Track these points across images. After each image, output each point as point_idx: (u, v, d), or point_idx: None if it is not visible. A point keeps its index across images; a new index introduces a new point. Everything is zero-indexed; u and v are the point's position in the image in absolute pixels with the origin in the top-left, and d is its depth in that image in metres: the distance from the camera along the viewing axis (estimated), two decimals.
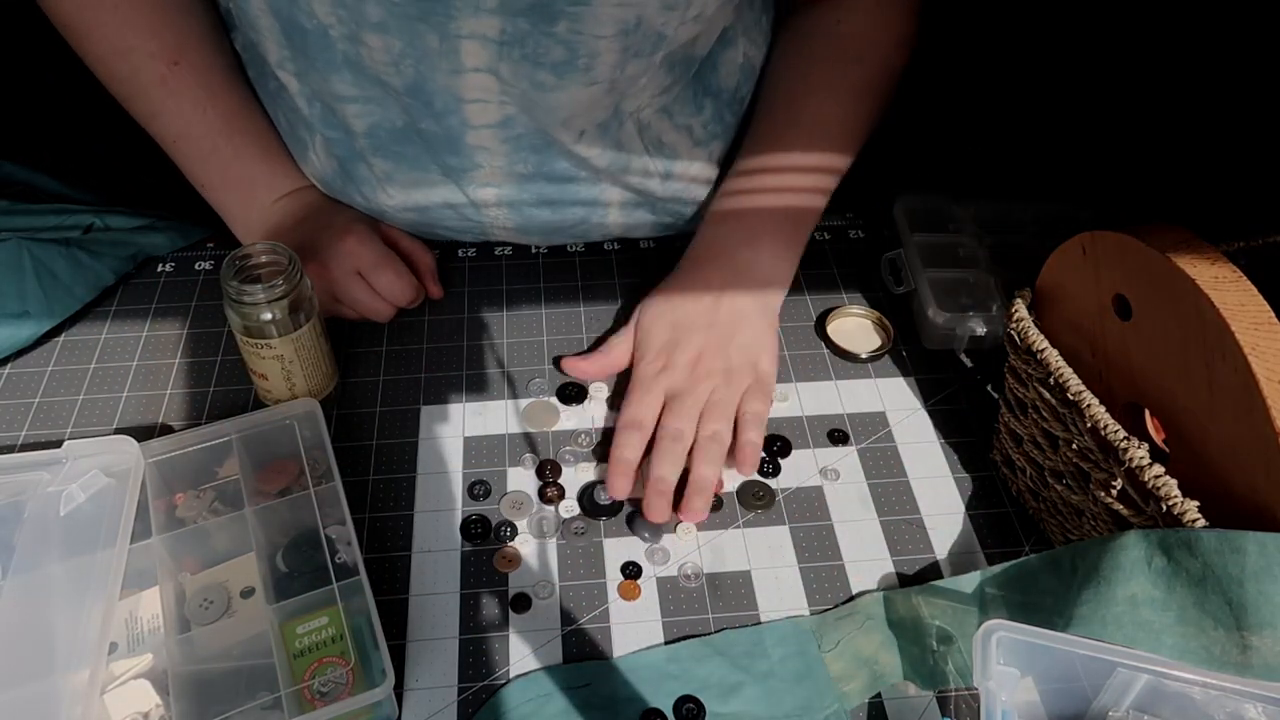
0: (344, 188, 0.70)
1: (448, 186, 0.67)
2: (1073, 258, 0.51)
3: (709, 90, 0.69)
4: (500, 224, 0.71)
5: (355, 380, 0.66)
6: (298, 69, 0.63)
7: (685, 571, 0.56)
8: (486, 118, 0.62)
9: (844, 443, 0.63)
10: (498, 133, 0.63)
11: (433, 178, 0.67)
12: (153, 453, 0.55)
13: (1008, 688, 0.42)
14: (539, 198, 0.69)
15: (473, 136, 0.63)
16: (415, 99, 0.61)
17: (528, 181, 0.67)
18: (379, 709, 0.48)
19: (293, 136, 0.70)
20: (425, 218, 0.71)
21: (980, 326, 0.66)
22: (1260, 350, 0.41)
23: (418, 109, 0.62)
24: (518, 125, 0.63)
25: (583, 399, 0.65)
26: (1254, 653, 0.40)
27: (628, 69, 0.60)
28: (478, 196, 0.68)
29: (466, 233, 0.74)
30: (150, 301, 0.72)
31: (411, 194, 0.68)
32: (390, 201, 0.69)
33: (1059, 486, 0.53)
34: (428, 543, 0.57)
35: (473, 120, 0.62)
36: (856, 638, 0.52)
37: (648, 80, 0.63)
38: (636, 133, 0.67)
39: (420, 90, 0.60)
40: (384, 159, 0.66)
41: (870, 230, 0.79)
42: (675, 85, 0.66)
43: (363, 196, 0.70)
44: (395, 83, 0.60)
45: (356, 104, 0.63)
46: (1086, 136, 0.92)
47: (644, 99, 0.65)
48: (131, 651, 0.49)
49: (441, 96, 0.61)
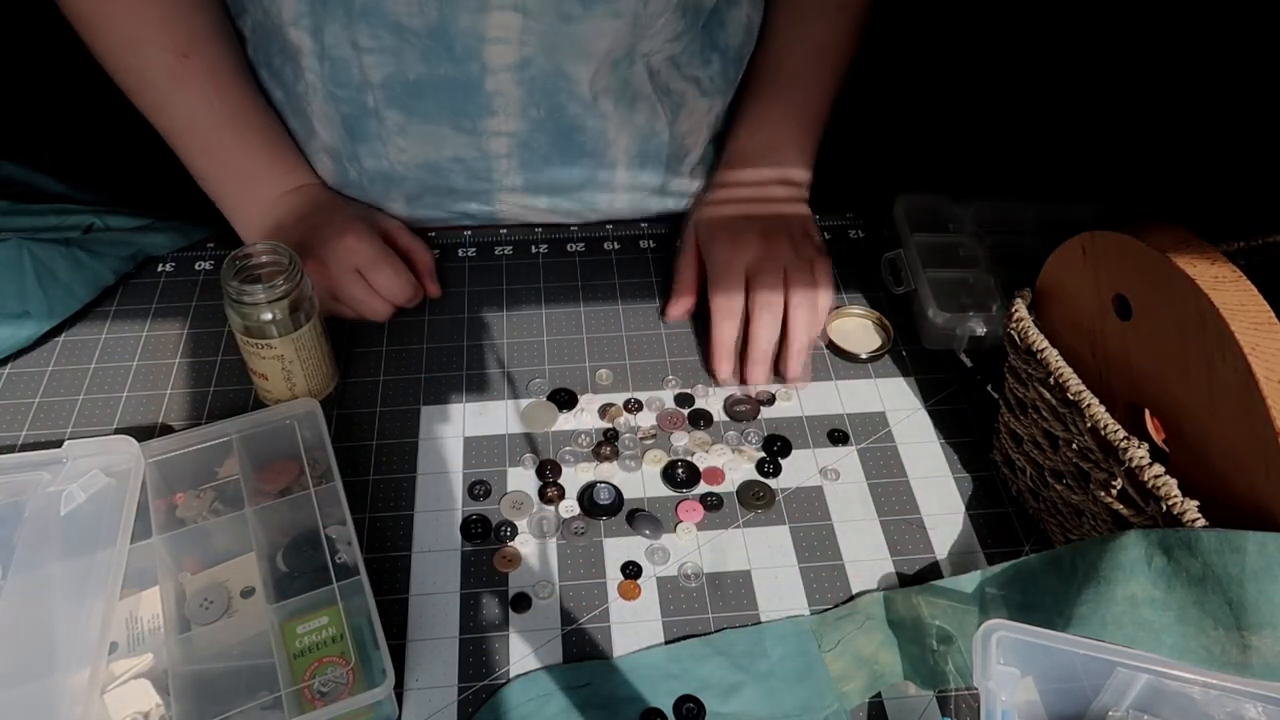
0: (353, 150, 0.70)
1: (459, 138, 0.69)
2: (1073, 258, 0.51)
3: (716, 45, 0.73)
4: (508, 183, 0.72)
5: (355, 380, 0.66)
6: (314, 23, 0.64)
7: (685, 571, 0.56)
8: (506, 58, 0.64)
9: (844, 443, 0.63)
10: (514, 75, 0.65)
11: (444, 131, 0.68)
12: (153, 453, 0.55)
13: (1008, 688, 0.42)
14: (550, 145, 0.70)
15: (490, 81, 0.65)
16: (436, 42, 0.62)
17: (539, 128, 0.69)
18: (379, 709, 0.48)
19: (297, 111, 0.70)
20: (434, 176, 0.72)
21: (980, 326, 0.66)
22: (1260, 350, 0.41)
23: (437, 53, 0.63)
24: (534, 66, 0.65)
25: (573, 405, 0.65)
26: (1254, 652, 0.40)
27: (650, 4, 0.64)
28: (489, 147, 0.69)
29: (473, 199, 0.74)
30: (150, 301, 0.72)
31: (422, 147, 0.69)
32: (401, 156, 0.70)
33: (1059, 486, 0.53)
34: (428, 543, 0.57)
35: (492, 63, 0.64)
36: (856, 637, 0.52)
37: (665, 21, 0.66)
38: (647, 77, 0.69)
39: (442, 33, 0.62)
40: (397, 110, 0.67)
41: (870, 230, 0.79)
42: (685, 34, 0.69)
43: (372, 155, 0.70)
44: (417, 24, 0.62)
45: (373, 54, 0.64)
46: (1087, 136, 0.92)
47: (657, 43, 0.68)
48: (131, 651, 0.49)
49: (463, 39, 0.62)
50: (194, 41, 0.66)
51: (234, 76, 0.69)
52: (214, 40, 0.68)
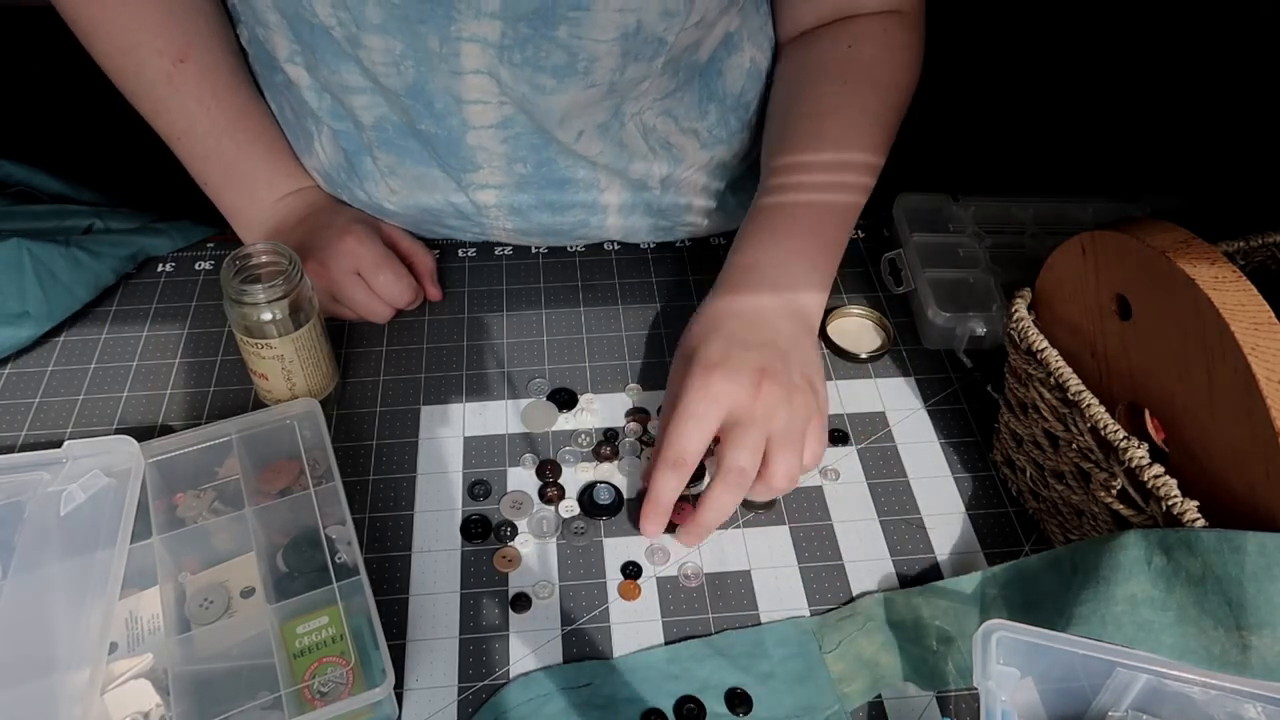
0: (347, 181, 0.70)
1: (448, 184, 0.68)
2: (1073, 258, 0.51)
3: (713, 95, 0.69)
4: (500, 225, 0.71)
5: (355, 380, 0.66)
6: (307, 63, 0.63)
7: (685, 571, 0.56)
8: (486, 118, 0.62)
9: (844, 443, 0.63)
10: (497, 133, 0.63)
11: (434, 174, 0.67)
12: (153, 453, 0.55)
13: (1008, 688, 0.42)
14: (539, 200, 0.69)
15: (473, 137, 0.63)
16: (415, 100, 0.61)
17: (527, 183, 0.67)
18: (379, 709, 0.48)
19: (299, 129, 0.70)
20: (426, 215, 0.71)
21: (980, 326, 0.66)
22: (1260, 350, 0.41)
23: (418, 110, 0.62)
24: (517, 125, 0.63)
25: (573, 406, 0.65)
26: (1253, 653, 0.40)
27: (628, 72, 0.60)
28: (478, 198, 0.68)
29: (467, 231, 0.74)
30: (150, 301, 0.72)
31: (413, 190, 0.69)
32: (393, 197, 0.69)
33: (1059, 486, 0.53)
34: (428, 543, 0.57)
35: (473, 121, 0.62)
36: (858, 639, 0.52)
37: (649, 84, 0.63)
38: (640, 134, 0.67)
39: (420, 91, 0.61)
40: (388, 152, 0.66)
41: (870, 230, 0.79)
42: (679, 90, 0.66)
43: (365, 192, 0.70)
44: (395, 84, 0.60)
45: (364, 95, 0.63)
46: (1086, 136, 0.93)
47: (645, 102, 0.65)
48: (131, 651, 0.49)
49: (441, 98, 0.61)
50: (191, 46, 0.65)
51: (231, 81, 0.68)
52: (211, 45, 0.67)
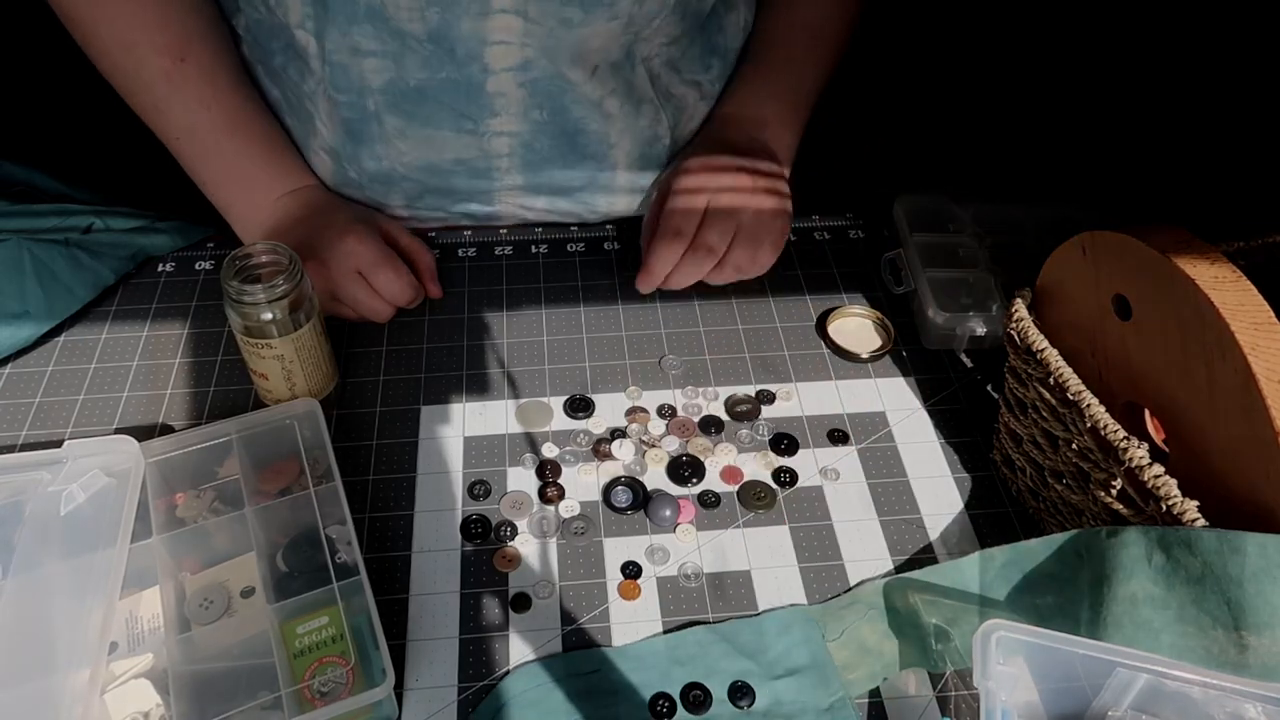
0: (355, 152, 0.70)
1: (460, 140, 0.69)
2: (1073, 258, 0.51)
3: (716, 50, 0.74)
4: (509, 182, 0.72)
5: (355, 380, 0.66)
6: (318, 26, 0.63)
7: (685, 571, 0.56)
8: (507, 60, 0.64)
9: (844, 443, 0.63)
10: (516, 75, 0.65)
11: (445, 134, 0.68)
12: (153, 453, 0.55)
13: (1007, 688, 0.41)
14: (552, 149, 0.70)
15: (492, 82, 0.65)
16: (438, 46, 0.62)
17: (542, 130, 0.69)
18: (379, 709, 0.48)
19: (299, 111, 0.70)
20: (434, 176, 0.71)
21: (980, 326, 0.66)
22: (1260, 350, 0.41)
23: (439, 57, 0.63)
24: (536, 69, 0.65)
25: (590, 410, 0.65)
26: (1252, 653, 0.40)
27: (646, 4, 0.64)
28: (491, 146, 0.69)
29: (473, 197, 0.74)
30: (150, 301, 0.72)
31: (423, 150, 0.69)
32: (401, 159, 0.70)
33: (1059, 486, 0.53)
34: (428, 543, 0.57)
35: (493, 65, 0.64)
36: (860, 627, 0.52)
37: (660, 22, 0.66)
38: (648, 80, 0.70)
39: (443, 37, 0.62)
40: (397, 116, 0.67)
41: (870, 230, 0.79)
42: (683, 37, 0.70)
43: (373, 158, 0.70)
44: (418, 29, 0.62)
45: (375, 58, 0.64)
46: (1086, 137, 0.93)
47: (655, 45, 0.68)
48: (131, 651, 0.49)
49: (465, 43, 0.62)
50: (189, 45, 0.66)
51: (230, 80, 0.68)
52: (209, 43, 0.67)
